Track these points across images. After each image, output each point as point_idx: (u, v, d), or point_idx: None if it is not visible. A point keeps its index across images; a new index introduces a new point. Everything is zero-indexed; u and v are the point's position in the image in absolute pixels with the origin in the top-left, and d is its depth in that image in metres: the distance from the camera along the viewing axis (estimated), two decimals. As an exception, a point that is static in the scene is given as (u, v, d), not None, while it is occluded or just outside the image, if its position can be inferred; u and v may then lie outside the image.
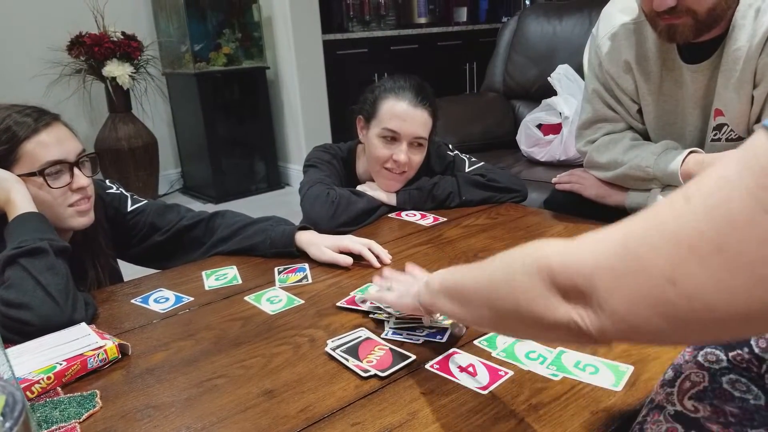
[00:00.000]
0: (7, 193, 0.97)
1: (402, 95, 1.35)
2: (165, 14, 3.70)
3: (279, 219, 1.25)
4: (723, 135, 1.17)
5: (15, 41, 3.31)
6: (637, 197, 1.26)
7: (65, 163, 1.03)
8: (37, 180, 1.01)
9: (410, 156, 1.36)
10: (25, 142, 1.00)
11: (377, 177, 1.42)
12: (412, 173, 1.42)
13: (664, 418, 0.54)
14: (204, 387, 0.75)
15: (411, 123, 1.34)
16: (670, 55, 1.18)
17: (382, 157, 1.37)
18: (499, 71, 2.74)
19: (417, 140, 1.36)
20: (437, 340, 0.82)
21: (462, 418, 0.65)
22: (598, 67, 1.29)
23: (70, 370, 0.78)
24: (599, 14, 2.50)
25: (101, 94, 3.49)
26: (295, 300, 0.99)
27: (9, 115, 1.00)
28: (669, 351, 0.75)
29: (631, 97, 1.27)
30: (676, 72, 1.19)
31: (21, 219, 0.96)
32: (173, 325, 0.93)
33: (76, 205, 1.05)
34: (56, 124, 1.04)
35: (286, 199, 3.78)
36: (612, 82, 1.27)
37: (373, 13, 4.58)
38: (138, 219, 1.22)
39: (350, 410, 0.68)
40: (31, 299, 0.88)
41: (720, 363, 0.55)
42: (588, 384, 0.70)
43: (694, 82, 1.16)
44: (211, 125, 3.64)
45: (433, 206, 1.42)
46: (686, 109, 1.21)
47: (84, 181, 1.05)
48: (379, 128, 1.35)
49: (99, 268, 1.16)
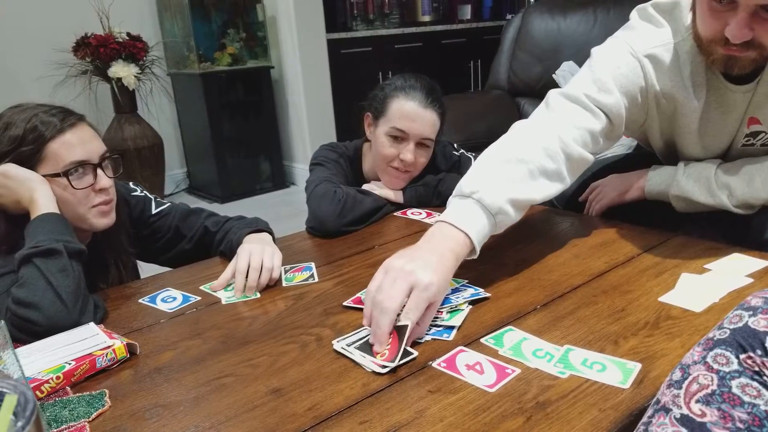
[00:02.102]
0: (31, 193, 0.99)
1: (412, 95, 1.35)
2: (170, 15, 3.71)
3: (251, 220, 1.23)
4: (758, 141, 1.13)
5: (21, 43, 3.33)
6: (658, 184, 1.20)
7: (89, 164, 1.04)
8: (61, 180, 1.02)
9: (416, 156, 1.37)
10: (50, 142, 1.01)
11: (382, 174, 1.42)
12: (417, 173, 1.43)
13: (670, 421, 0.53)
14: (212, 386, 0.76)
15: (420, 123, 1.34)
16: (714, 77, 1.08)
17: (389, 156, 1.37)
18: (503, 69, 2.73)
19: (424, 141, 1.37)
20: (444, 338, 0.82)
21: (469, 417, 0.65)
22: (629, 72, 1.09)
23: (79, 369, 0.78)
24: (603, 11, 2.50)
25: (107, 95, 3.50)
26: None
27: (35, 114, 1.01)
28: (677, 348, 0.75)
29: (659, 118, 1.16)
30: (721, 93, 1.09)
31: (41, 219, 0.97)
32: (181, 325, 0.94)
33: (98, 205, 1.06)
34: (81, 125, 1.05)
35: (291, 198, 3.78)
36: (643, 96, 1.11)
37: (377, 11, 4.57)
38: (163, 222, 1.23)
39: (358, 408, 0.68)
40: (40, 299, 0.88)
41: (730, 365, 0.54)
42: (595, 382, 0.70)
43: (741, 103, 1.08)
44: (216, 125, 3.65)
45: (439, 203, 1.42)
46: (727, 125, 1.13)
47: (106, 182, 1.06)
48: (388, 126, 1.36)
49: (121, 266, 1.17)
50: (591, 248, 1.10)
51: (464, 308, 0.89)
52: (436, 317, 0.86)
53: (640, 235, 1.14)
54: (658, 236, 1.13)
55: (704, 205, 1.15)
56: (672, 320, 0.82)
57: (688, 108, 1.11)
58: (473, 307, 0.90)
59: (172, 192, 3.99)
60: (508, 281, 0.99)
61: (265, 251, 1.06)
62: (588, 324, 0.83)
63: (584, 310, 0.87)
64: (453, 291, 0.93)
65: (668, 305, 0.86)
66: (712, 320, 0.80)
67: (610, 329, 0.81)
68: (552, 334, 0.81)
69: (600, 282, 0.96)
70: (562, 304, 0.90)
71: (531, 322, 0.85)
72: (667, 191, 1.19)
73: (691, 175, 1.16)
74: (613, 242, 1.12)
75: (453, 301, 0.90)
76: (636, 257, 1.04)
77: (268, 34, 3.79)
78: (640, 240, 1.12)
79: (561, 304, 0.89)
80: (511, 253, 1.11)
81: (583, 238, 1.15)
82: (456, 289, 0.95)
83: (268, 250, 1.07)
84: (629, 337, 0.79)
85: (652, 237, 1.13)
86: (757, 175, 1.10)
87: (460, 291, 0.94)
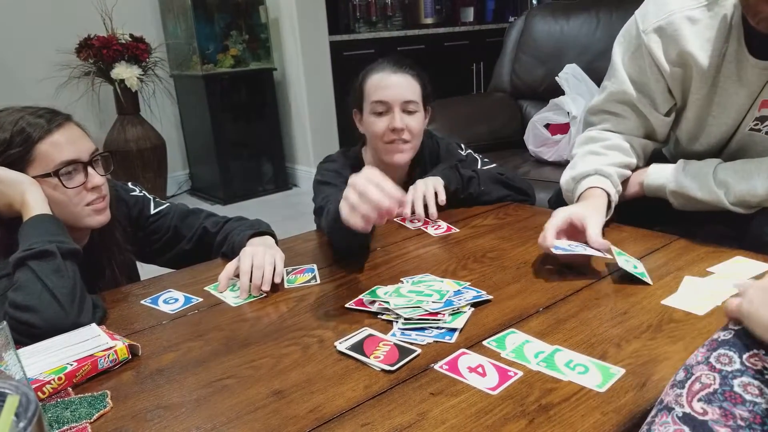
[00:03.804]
0: (22, 195, 0.98)
1: (380, 67, 1.38)
2: (173, 16, 3.72)
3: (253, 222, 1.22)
4: (765, 127, 1.13)
5: (25, 44, 3.34)
6: (656, 179, 1.22)
7: (79, 163, 1.04)
8: (52, 181, 1.02)
9: (406, 122, 1.36)
10: (39, 144, 1.00)
11: (383, 155, 1.40)
12: (417, 142, 1.41)
13: (672, 420, 0.53)
14: (214, 387, 0.76)
15: (396, 88, 1.35)
16: (736, 46, 1.09)
17: (380, 131, 1.36)
18: (506, 71, 2.73)
19: (407, 105, 1.36)
20: (446, 340, 0.82)
21: (471, 419, 0.65)
22: (633, 56, 1.19)
23: (81, 370, 0.78)
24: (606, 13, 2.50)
25: (110, 97, 3.51)
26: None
27: (22, 117, 1.01)
28: (680, 351, 0.75)
29: (674, 90, 1.19)
30: (738, 65, 1.10)
31: (33, 221, 0.97)
32: (183, 326, 0.94)
33: (92, 204, 1.06)
34: (69, 125, 1.05)
35: (293, 200, 3.79)
36: (654, 75, 1.18)
37: (380, 13, 4.58)
38: (162, 222, 1.23)
39: (360, 410, 0.68)
40: (37, 302, 0.88)
41: (733, 365, 0.55)
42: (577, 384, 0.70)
43: (756, 78, 1.09)
44: (219, 127, 3.65)
45: (463, 195, 1.40)
46: (736, 102, 1.14)
47: (98, 179, 1.06)
48: (368, 105, 1.37)
49: (116, 267, 1.17)
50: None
51: (466, 310, 0.89)
52: (438, 320, 0.86)
53: (643, 238, 1.14)
54: (662, 239, 1.13)
55: (701, 202, 1.15)
56: (675, 323, 0.82)
57: (701, 72, 1.14)
58: (475, 310, 0.90)
59: (175, 193, 3.99)
60: (511, 284, 0.99)
61: (267, 253, 1.06)
62: (590, 326, 0.83)
63: (587, 313, 0.87)
64: (455, 293, 0.93)
65: (671, 308, 0.86)
66: (715, 323, 0.80)
67: (613, 332, 0.81)
68: (554, 337, 0.81)
69: (602, 285, 0.96)
70: (564, 306, 0.89)
71: (533, 325, 0.84)
72: (665, 187, 1.20)
73: (689, 172, 1.17)
74: (616, 245, 1.11)
75: (455, 304, 0.89)
76: (639, 260, 1.04)
77: (271, 36, 3.80)
78: (643, 243, 1.12)
79: (563, 307, 0.89)
80: (513, 256, 1.10)
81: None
82: (458, 291, 0.94)
83: (271, 252, 1.07)
84: (632, 340, 0.78)
85: (656, 240, 1.13)
86: (755, 173, 1.10)
87: (462, 293, 0.94)
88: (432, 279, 1.01)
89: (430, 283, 0.97)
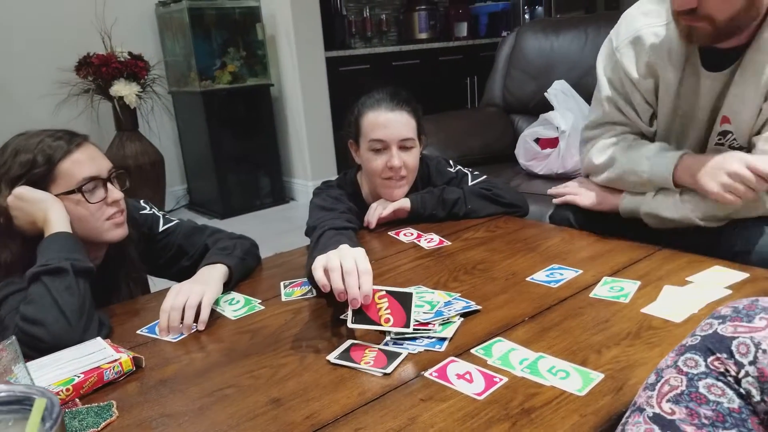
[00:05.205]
0: (45, 213, 1.03)
1: (377, 105, 1.41)
2: (171, 34, 3.78)
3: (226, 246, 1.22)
4: (726, 142, 1.19)
5: (24, 62, 3.39)
6: (630, 202, 1.27)
7: (99, 179, 1.10)
8: (75, 197, 1.07)
9: (403, 159, 1.40)
10: (61, 162, 1.06)
11: (381, 190, 1.45)
12: (412, 177, 1.46)
13: (643, 420, 0.58)
14: (215, 396, 0.80)
15: (393, 127, 1.38)
16: (693, 59, 1.18)
17: (377, 169, 1.41)
18: (498, 86, 2.78)
19: (404, 142, 1.40)
20: (436, 349, 0.86)
21: (458, 423, 0.69)
22: (613, 72, 1.28)
23: (88, 382, 0.82)
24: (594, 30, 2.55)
25: (108, 113, 3.56)
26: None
27: (42, 140, 1.07)
28: (656, 357, 0.79)
29: (649, 100, 1.27)
30: (695, 78, 1.19)
31: (52, 238, 1.02)
32: (185, 339, 0.97)
33: (112, 218, 1.11)
34: (87, 144, 1.12)
35: (290, 214, 3.83)
36: (629, 87, 1.26)
37: (375, 29, 4.66)
38: (168, 239, 1.28)
39: (353, 416, 0.72)
40: (45, 317, 0.92)
41: (699, 368, 0.59)
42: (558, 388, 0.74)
43: (709, 90, 1.18)
44: (217, 142, 3.70)
45: (444, 214, 1.45)
46: (697, 114, 1.22)
47: (117, 194, 1.12)
48: (366, 142, 1.41)
49: (131, 283, 1.21)
50: (579, 262, 1.14)
51: (456, 321, 0.93)
52: (428, 329, 0.90)
53: (626, 249, 1.18)
54: (645, 249, 1.17)
55: (671, 220, 1.21)
56: (653, 330, 0.86)
57: (666, 81, 1.22)
58: (464, 320, 0.94)
59: (173, 208, 4.03)
60: (499, 294, 1.03)
61: (193, 290, 1.01)
62: (573, 334, 0.87)
63: (570, 322, 0.91)
64: (445, 304, 0.98)
65: (650, 316, 0.91)
66: (691, 330, 0.83)
67: (594, 339, 0.85)
68: (539, 345, 0.85)
69: (586, 294, 1.00)
70: (549, 315, 0.94)
71: (519, 333, 0.89)
72: (639, 209, 1.26)
73: (660, 192, 1.23)
74: (601, 256, 1.16)
75: (445, 314, 0.94)
76: (622, 270, 1.08)
77: (268, 52, 3.86)
78: (626, 253, 1.16)
79: (548, 316, 0.93)
80: (502, 267, 1.15)
81: (572, 252, 1.20)
82: (448, 302, 0.99)
83: (196, 289, 1.01)
84: (612, 346, 0.83)
85: (639, 250, 1.17)
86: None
87: (452, 304, 0.98)
88: (424, 290, 1.05)
89: (421, 295, 1.01)
